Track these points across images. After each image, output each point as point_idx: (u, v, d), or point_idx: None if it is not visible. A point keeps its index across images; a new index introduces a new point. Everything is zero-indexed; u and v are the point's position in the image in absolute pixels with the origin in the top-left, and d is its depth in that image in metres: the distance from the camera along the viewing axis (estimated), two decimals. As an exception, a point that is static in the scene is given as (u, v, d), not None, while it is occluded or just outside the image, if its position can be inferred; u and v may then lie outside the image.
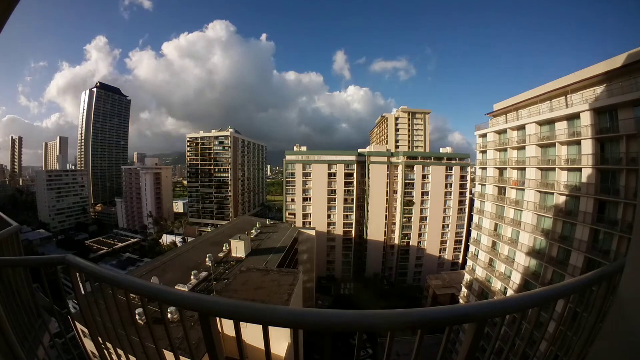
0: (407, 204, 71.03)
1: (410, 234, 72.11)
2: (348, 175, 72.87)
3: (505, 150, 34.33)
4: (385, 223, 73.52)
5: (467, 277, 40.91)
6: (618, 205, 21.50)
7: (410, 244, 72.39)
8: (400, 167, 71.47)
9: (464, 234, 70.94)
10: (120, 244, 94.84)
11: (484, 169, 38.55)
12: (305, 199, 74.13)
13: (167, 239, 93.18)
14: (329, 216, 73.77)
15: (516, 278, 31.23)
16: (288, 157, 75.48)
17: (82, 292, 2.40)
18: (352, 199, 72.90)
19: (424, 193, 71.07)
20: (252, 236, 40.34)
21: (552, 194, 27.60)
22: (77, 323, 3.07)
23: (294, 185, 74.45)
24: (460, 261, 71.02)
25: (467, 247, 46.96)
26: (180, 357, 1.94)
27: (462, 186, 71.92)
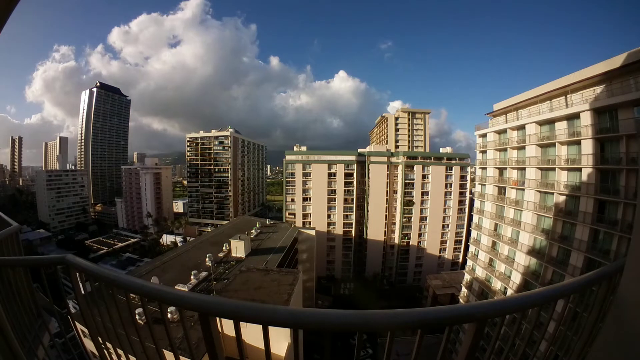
0: (407, 204, 71.04)
1: (410, 234, 72.11)
2: (348, 175, 72.86)
3: (505, 150, 34.33)
4: (385, 223, 73.51)
5: (467, 277, 40.90)
6: (618, 205, 21.50)
7: (410, 244, 72.40)
8: (400, 167, 71.47)
9: (464, 234, 70.95)
10: (120, 244, 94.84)
11: (484, 169, 38.55)
12: (305, 199, 74.12)
13: (167, 239, 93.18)
14: (329, 216, 73.75)
15: (516, 278, 31.22)
16: (288, 157, 75.48)
17: (82, 292, 2.40)
18: (352, 199, 72.89)
19: (424, 193, 71.07)
20: (252, 236, 40.36)
21: (552, 194, 27.59)
22: (77, 323, 3.06)
23: (294, 185, 74.45)
24: (460, 261, 71.04)
25: (467, 247, 46.96)
26: (180, 357, 1.94)
27: (462, 186, 71.93)
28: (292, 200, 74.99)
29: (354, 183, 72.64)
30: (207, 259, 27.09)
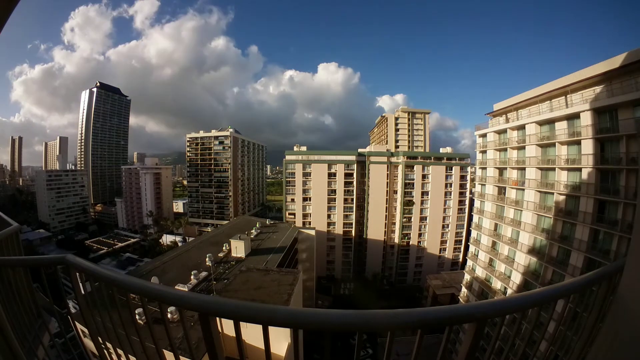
0: (407, 204, 71.03)
1: (410, 233, 72.11)
2: (348, 175, 72.88)
3: (505, 150, 34.33)
4: (385, 223, 73.51)
5: (467, 277, 40.90)
6: (618, 205, 21.50)
7: (410, 243, 72.40)
8: (400, 167, 71.47)
9: (464, 234, 70.94)
10: (120, 244, 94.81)
11: (484, 169, 38.55)
12: (305, 199, 74.13)
13: (167, 239, 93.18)
14: (329, 216, 73.76)
15: (516, 278, 31.22)
16: (288, 157, 75.51)
17: (82, 292, 2.40)
18: (352, 199, 72.89)
19: (424, 193, 71.08)
20: (252, 236, 40.35)
21: (552, 194, 27.59)
22: (77, 323, 3.07)
23: (294, 185, 74.46)
24: (460, 261, 71.03)
25: (467, 247, 46.96)
26: (180, 357, 1.94)
27: (462, 186, 71.93)
28: (292, 200, 74.98)
29: (354, 183, 72.63)
30: (207, 259, 27.06)
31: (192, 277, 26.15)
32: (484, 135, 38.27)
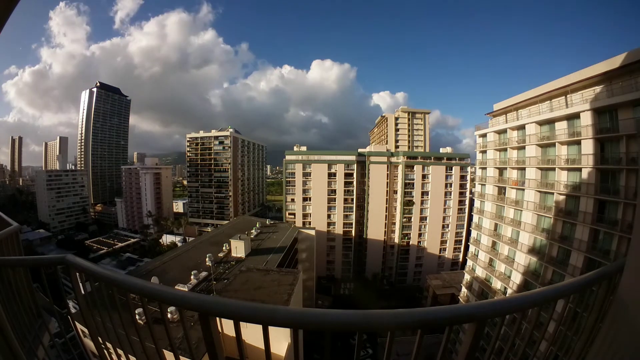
0: (407, 204, 71.03)
1: (410, 233, 72.11)
2: (348, 175, 72.88)
3: (505, 150, 34.32)
4: (385, 223, 73.51)
5: (467, 277, 40.89)
6: (618, 205, 21.49)
7: (410, 243, 72.40)
8: (400, 167, 71.48)
9: (464, 234, 70.94)
10: (120, 244, 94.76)
11: (484, 169, 38.54)
12: (305, 199, 74.13)
13: (167, 239, 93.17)
14: (329, 216, 73.75)
15: (516, 278, 31.22)
16: (288, 157, 75.51)
17: (82, 292, 2.40)
18: (352, 199, 72.89)
19: (424, 193, 71.08)
20: (252, 236, 40.35)
21: (552, 194, 27.59)
22: (77, 323, 3.07)
23: (294, 185, 74.46)
24: (460, 261, 71.03)
25: (467, 247, 46.96)
26: (180, 357, 1.94)
27: (462, 186, 71.94)
28: (292, 200, 74.98)
29: (354, 183, 72.63)
30: (207, 259, 27.06)
31: (192, 277, 26.16)
32: (484, 135, 38.27)
